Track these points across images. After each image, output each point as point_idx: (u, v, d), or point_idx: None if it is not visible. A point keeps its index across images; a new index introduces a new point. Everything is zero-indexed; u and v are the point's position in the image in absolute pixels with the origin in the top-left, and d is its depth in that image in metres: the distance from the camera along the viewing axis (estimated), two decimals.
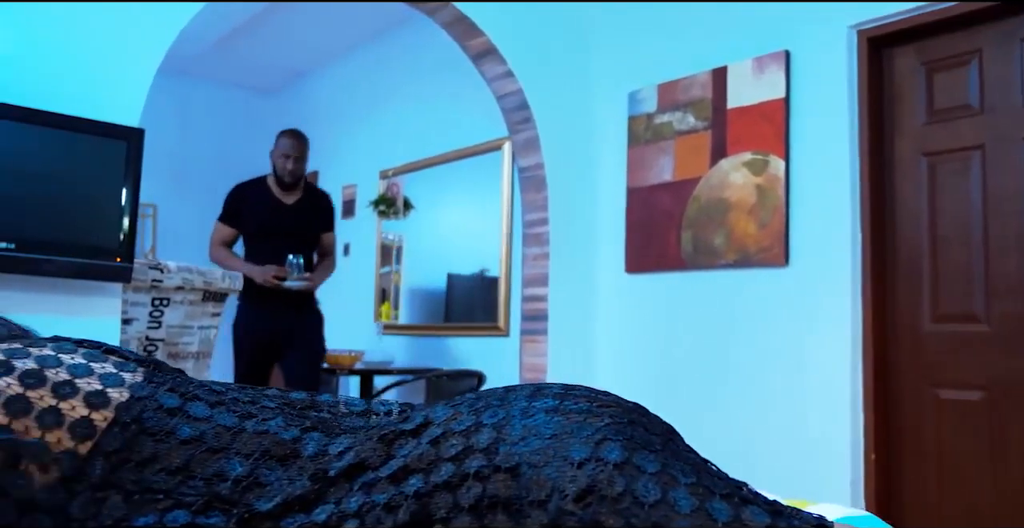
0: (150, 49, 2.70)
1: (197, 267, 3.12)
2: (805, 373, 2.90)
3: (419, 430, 0.72)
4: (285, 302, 3.64)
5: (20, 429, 0.69)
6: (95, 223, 2.50)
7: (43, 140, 2.38)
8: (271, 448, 0.73)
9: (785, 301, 2.98)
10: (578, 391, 0.74)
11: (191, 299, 3.20)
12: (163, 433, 0.73)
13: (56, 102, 2.44)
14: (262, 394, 0.83)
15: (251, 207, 3.71)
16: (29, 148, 2.36)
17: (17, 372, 0.72)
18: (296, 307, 3.70)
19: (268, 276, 3.56)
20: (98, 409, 0.72)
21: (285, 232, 3.68)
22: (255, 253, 3.70)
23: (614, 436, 0.66)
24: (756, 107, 3.11)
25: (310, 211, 3.79)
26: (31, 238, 2.33)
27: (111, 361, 0.78)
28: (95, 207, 2.50)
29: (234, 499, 0.70)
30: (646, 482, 0.62)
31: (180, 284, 3.05)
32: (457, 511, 0.63)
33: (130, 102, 2.65)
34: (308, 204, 3.78)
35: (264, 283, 3.56)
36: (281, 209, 3.71)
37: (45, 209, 2.38)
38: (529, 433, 0.66)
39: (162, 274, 2.94)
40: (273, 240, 3.65)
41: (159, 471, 0.71)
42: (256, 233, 3.73)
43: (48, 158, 2.39)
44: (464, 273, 4.76)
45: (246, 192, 3.76)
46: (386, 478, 0.67)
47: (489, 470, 0.64)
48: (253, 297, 3.63)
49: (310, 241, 3.80)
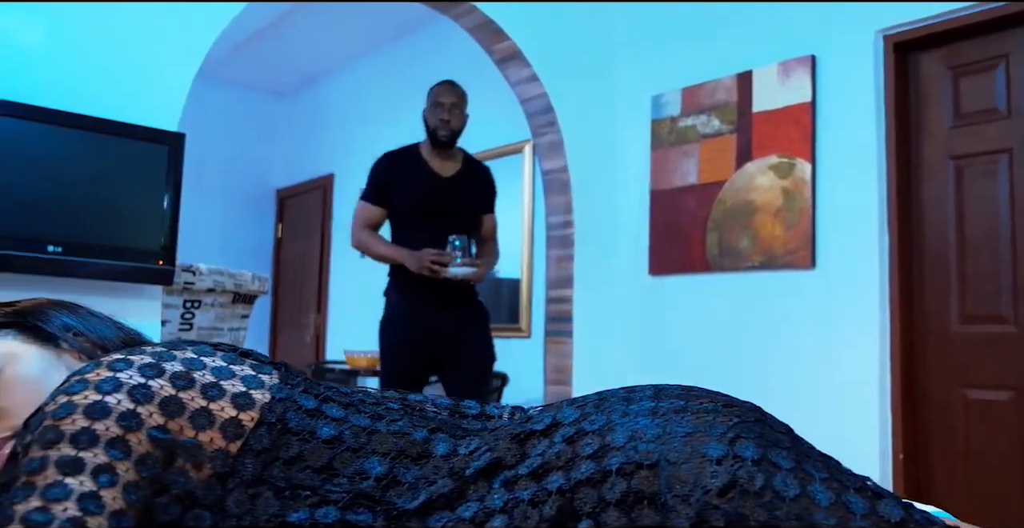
0: (188, 53, 2.73)
1: (228, 269, 3.15)
2: (833, 374, 2.93)
3: (549, 430, 0.75)
4: (446, 297, 2.95)
5: (175, 429, 0.73)
6: (138, 226, 2.53)
7: (87, 144, 2.41)
8: (405, 448, 0.77)
9: (812, 303, 3.02)
10: (697, 392, 0.78)
11: (221, 301, 3.24)
12: (306, 433, 0.76)
13: (96, 106, 2.47)
14: (383, 396, 0.87)
15: (402, 180, 3.03)
16: (74, 152, 2.39)
17: (167, 374, 0.75)
18: (460, 303, 3.00)
19: (426, 261, 2.85)
20: (245, 410, 0.76)
21: (443, 211, 3.00)
22: (406, 237, 3.02)
23: (746, 434, 0.69)
24: (782, 111, 3.15)
25: (472, 186, 3.12)
26: (77, 241, 2.36)
27: (248, 363, 0.81)
28: (137, 211, 2.53)
29: (376, 496, 0.73)
30: (784, 477, 0.66)
31: (211, 286, 3.09)
32: (604, 506, 0.66)
33: (169, 106, 2.69)
34: (469, 177, 3.11)
35: (419, 270, 2.86)
36: (439, 182, 3.03)
37: (90, 213, 2.42)
38: (664, 432, 0.70)
39: (194, 276, 2.97)
40: (428, 221, 2.98)
41: (304, 469, 0.74)
42: (407, 212, 3.04)
43: (92, 162, 2.43)
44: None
45: (396, 162, 3.08)
46: (527, 475, 0.71)
47: (632, 467, 0.67)
48: (407, 291, 2.96)
49: (472, 223, 3.10)
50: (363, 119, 5.70)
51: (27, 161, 2.30)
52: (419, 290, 2.92)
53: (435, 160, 3.06)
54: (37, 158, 2.32)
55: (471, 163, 3.16)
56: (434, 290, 2.91)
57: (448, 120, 3.00)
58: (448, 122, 3.00)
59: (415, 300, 2.94)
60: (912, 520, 0.66)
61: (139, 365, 0.75)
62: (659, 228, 3.56)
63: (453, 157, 3.09)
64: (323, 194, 6.05)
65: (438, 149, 3.05)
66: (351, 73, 5.91)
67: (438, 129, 3.01)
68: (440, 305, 2.94)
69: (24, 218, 2.28)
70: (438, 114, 3.01)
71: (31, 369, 0.85)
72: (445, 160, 3.07)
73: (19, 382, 0.84)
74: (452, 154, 3.09)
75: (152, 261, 2.52)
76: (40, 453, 0.67)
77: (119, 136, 2.46)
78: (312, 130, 6.28)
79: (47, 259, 2.29)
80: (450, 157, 3.08)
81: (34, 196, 2.30)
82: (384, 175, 3.08)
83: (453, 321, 2.95)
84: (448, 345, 2.93)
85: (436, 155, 3.06)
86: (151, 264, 2.52)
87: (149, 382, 0.74)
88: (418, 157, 3.07)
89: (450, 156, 3.08)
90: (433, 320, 2.93)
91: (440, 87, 3.10)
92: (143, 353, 0.77)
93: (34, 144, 2.32)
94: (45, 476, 0.66)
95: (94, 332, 0.93)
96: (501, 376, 3.87)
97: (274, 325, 6.44)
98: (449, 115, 3.01)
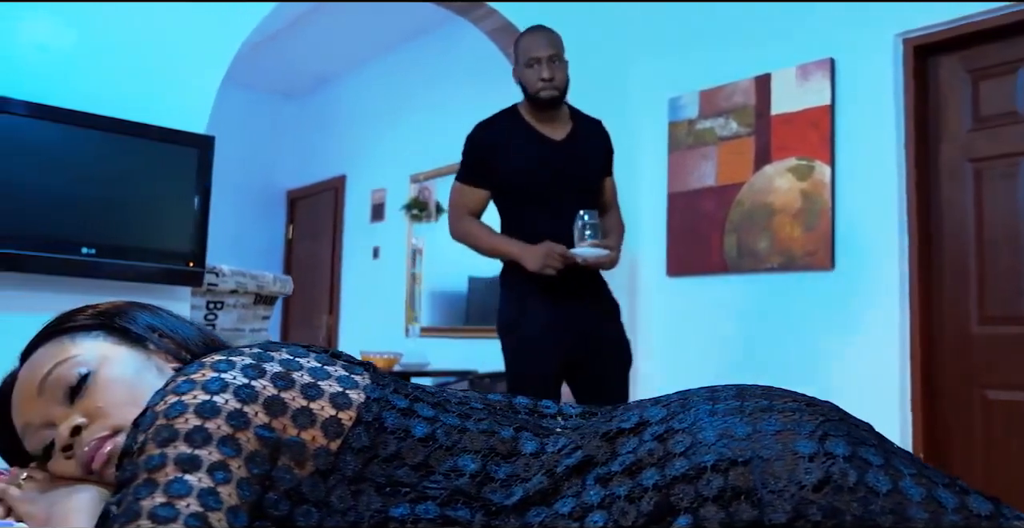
0: (215, 58, 2.76)
1: (249, 271, 3.18)
2: (852, 376, 2.96)
3: (638, 428, 0.78)
4: (578, 289, 2.46)
5: (279, 428, 0.75)
6: (168, 229, 2.56)
7: (120, 147, 2.44)
8: (495, 446, 0.79)
9: (831, 304, 3.05)
10: (778, 391, 0.80)
11: (243, 302, 3.26)
12: (401, 431, 0.79)
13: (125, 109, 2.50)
14: (465, 395, 0.89)
15: (507, 152, 2.52)
16: (107, 155, 2.42)
17: (268, 375, 0.78)
18: (594, 296, 2.52)
19: (555, 255, 2.35)
20: (343, 409, 0.78)
21: (562, 183, 2.50)
22: (518, 222, 2.53)
23: (834, 432, 0.72)
24: (801, 114, 3.18)
25: (590, 147, 2.61)
26: (110, 244, 2.39)
27: (339, 364, 0.83)
28: (168, 213, 2.56)
29: (472, 493, 0.76)
30: (875, 473, 0.68)
31: (234, 287, 3.11)
32: (702, 501, 0.68)
33: (197, 110, 2.72)
34: (584, 137, 2.60)
35: (542, 270, 2.36)
36: (552, 148, 2.53)
37: (122, 215, 2.45)
38: (754, 430, 0.72)
39: (217, 278, 3.00)
40: (545, 199, 2.48)
41: (402, 466, 0.77)
42: (517, 190, 2.52)
43: (124, 165, 2.46)
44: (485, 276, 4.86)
45: (496, 131, 2.56)
46: (621, 472, 0.73)
47: (726, 463, 0.70)
48: (530, 288, 2.45)
49: (597, 194, 2.62)
50: (374, 121, 5.73)
51: (62, 164, 2.33)
52: (544, 285, 2.42)
53: (541, 122, 2.56)
54: (71, 161, 2.35)
55: (582, 119, 2.65)
56: (562, 283, 2.42)
57: (550, 77, 2.49)
58: (551, 80, 2.49)
59: (542, 298, 2.44)
60: (1000, 515, 0.68)
61: (241, 366, 0.77)
62: (677, 230, 3.59)
63: (560, 116, 2.59)
64: (335, 195, 6.08)
65: (544, 110, 2.55)
66: (362, 75, 5.93)
67: (541, 91, 2.49)
68: (572, 301, 2.45)
69: (59, 221, 2.31)
70: (537, 73, 2.49)
71: (126, 370, 0.88)
72: (553, 121, 2.57)
73: (115, 382, 0.86)
74: (559, 113, 2.59)
75: (182, 263, 2.55)
76: (158, 450, 0.70)
77: (151, 139, 2.49)
78: (323, 132, 6.31)
79: (81, 261, 2.32)
80: (557, 116, 2.58)
81: (68, 199, 2.33)
82: (483, 149, 2.55)
83: (588, 319, 2.47)
84: (587, 349, 2.46)
85: (541, 116, 2.56)
86: (181, 266, 2.55)
87: (252, 382, 0.76)
88: (521, 120, 2.56)
89: (557, 115, 2.58)
90: (566, 320, 2.44)
91: (529, 39, 2.57)
92: (242, 354, 0.80)
93: (68, 147, 2.34)
94: (165, 473, 0.68)
95: (177, 333, 0.96)
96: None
97: (285, 326, 6.47)
98: (550, 70, 2.49)
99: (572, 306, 2.44)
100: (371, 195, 5.66)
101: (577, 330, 2.44)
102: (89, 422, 0.85)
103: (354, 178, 5.90)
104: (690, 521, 0.68)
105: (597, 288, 2.54)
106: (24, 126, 2.24)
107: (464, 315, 5.00)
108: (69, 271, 2.30)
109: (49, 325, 0.93)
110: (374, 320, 5.56)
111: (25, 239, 2.23)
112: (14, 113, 2.22)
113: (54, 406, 0.86)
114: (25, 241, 2.22)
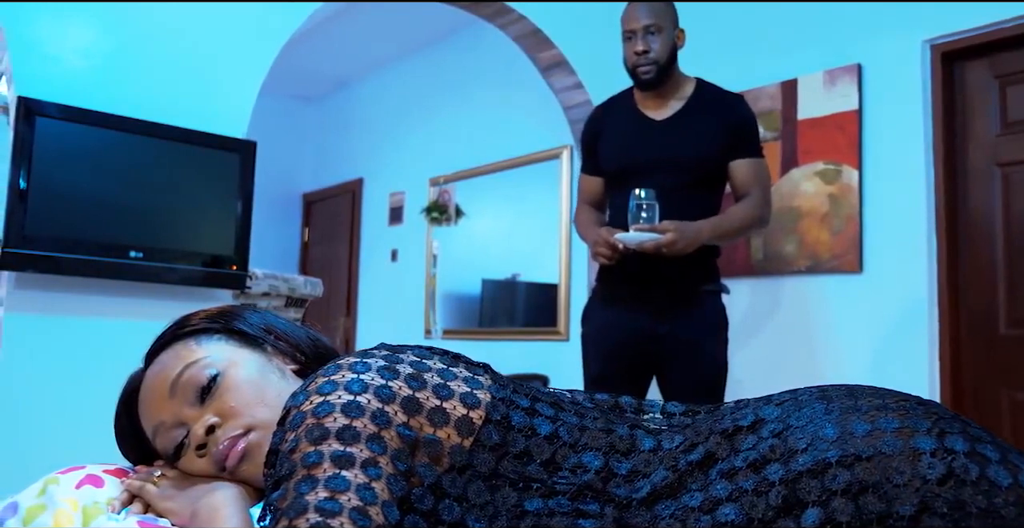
0: (256, 62, 2.80)
1: (281, 274, 3.22)
2: (881, 378, 2.99)
3: (755, 426, 0.81)
4: (653, 286, 2.24)
5: (416, 426, 0.79)
6: (212, 232, 2.59)
7: (164, 152, 2.48)
8: (615, 443, 0.83)
9: (860, 307, 3.08)
10: (885, 391, 0.84)
11: (275, 305, 3.30)
12: (528, 429, 0.82)
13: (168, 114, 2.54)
14: (572, 395, 0.93)
15: (606, 136, 2.39)
16: (154, 160, 2.46)
17: (402, 376, 0.81)
18: (674, 294, 2.25)
19: (601, 242, 2.17)
20: (473, 409, 0.82)
21: (654, 165, 2.28)
22: (617, 208, 2.33)
23: (950, 429, 0.75)
24: (828, 118, 3.21)
25: (698, 126, 2.32)
26: (157, 247, 2.43)
27: (462, 366, 0.87)
28: (211, 217, 2.60)
29: (599, 488, 0.79)
30: (995, 468, 0.72)
31: (267, 290, 3.15)
32: (830, 495, 0.72)
33: (237, 115, 2.75)
34: (693, 116, 2.33)
35: (596, 259, 2.23)
36: (648, 129, 2.34)
37: (168, 219, 2.48)
38: (874, 427, 0.76)
39: (251, 281, 3.04)
40: (639, 182, 2.21)
41: (532, 463, 0.80)
42: (612, 174, 2.39)
43: (169, 170, 2.49)
44: (497, 278, 4.91)
45: (604, 114, 2.45)
46: (746, 467, 0.77)
47: (851, 459, 0.73)
48: (605, 278, 2.34)
49: (705, 178, 2.33)
50: (393, 124, 5.77)
51: (110, 169, 2.37)
52: (616, 276, 2.24)
53: (648, 100, 2.37)
54: (120, 166, 2.39)
55: (704, 96, 2.38)
56: (636, 279, 2.20)
57: (645, 50, 2.28)
58: (646, 53, 2.28)
59: (613, 291, 2.28)
60: None
61: (376, 368, 0.81)
62: None
63: (676, 93, 2.36)
64: (352, 198, 6.12)
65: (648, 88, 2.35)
66: (381, 79, 5.97)
67: (637, 66, 2.30)
68: (646, 298, 2.23)
69: (108, 225, 2.35)
70: (632, 47, 2.30)
71: (251, 371, 0.91)
72: (664, 98, 2.35)
73: (243, 383, 0.90)
74: (675, 90, 2.36)
75: (226, 266, 2.59)
76: (312, 448, 0.73)
77: (195, 145, 2.53)
78: (341, 135, 6.35)
79: (130, 264, 2.35)
80: (672, 94, 2.36)
81: (117, 203, 2.37)
82: (589, 134, 2.45)
83: (666, 319, 2.23)
84: (663, 350, 2.24)
85: (648, 94, 2.36)
86: (225, 269, 2.58)
87: (389, 383, 0.80)
88: (628, 101, 2.41)
89: (671, 93, 2.36)
90: (632, 319, 2.24)
91: (626, 10, 2.38)
92: (375, 357, 0.83)
93: (116, 152, 2.38)
94: (323, 469, 0.72)
95: (289, 335, 0.99)
96: (543, 378, 3.93)
97: None
98: (645, 43, 2.28)
99: (649, 307, 2.23)
100: (389, 198, 5.69)
101: (648, 335, 2.23)
102: (222, 421, 0.88)
103: (371, 181, 5.94)
104: (820, 513, 0.71)
105: (688, 287, 2.25)
106: (75, 132, 2.28)
107: (477, 318, 5.04)
108: (117, 274, 2.34)
109: (169, 329, 0.97)
110: (393, 322, 5.59)
111: (76, 243, 2.26)
112: (67, 119, 2.26)
113: (185, 407, 0.90)
114: (76, 245, 2.26)
